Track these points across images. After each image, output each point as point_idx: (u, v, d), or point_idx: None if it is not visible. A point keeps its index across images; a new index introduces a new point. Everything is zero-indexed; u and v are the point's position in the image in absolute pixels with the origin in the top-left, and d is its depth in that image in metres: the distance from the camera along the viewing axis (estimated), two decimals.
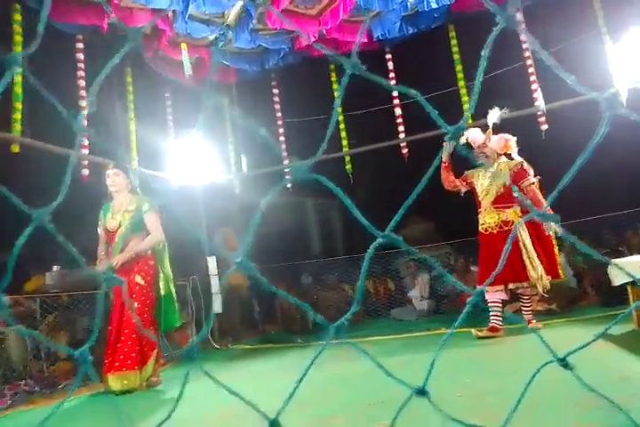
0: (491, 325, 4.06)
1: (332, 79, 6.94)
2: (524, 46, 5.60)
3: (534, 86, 5.53)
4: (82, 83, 4.49)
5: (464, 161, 3.99)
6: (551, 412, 1.80)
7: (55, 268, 4.66)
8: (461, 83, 6.16)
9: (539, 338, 0.63)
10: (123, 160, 3.99)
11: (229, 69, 6.23)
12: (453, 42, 6.20)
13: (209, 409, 2.50)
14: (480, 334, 3.98)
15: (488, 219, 4.15)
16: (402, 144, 6.31)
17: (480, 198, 4.24)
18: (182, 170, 5.69)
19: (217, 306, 5.67)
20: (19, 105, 3.96)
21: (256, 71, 6.42)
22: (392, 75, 6.52)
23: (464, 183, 4.36)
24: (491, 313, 4.09)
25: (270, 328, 6.44)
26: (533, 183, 4.12)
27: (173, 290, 3.73)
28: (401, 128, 6.35)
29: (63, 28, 4.21)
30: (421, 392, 0.64)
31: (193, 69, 5.42)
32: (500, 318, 4.06)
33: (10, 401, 3.24)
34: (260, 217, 0.64)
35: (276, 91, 6.87)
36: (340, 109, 6.94)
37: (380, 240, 0.64)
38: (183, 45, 4.64)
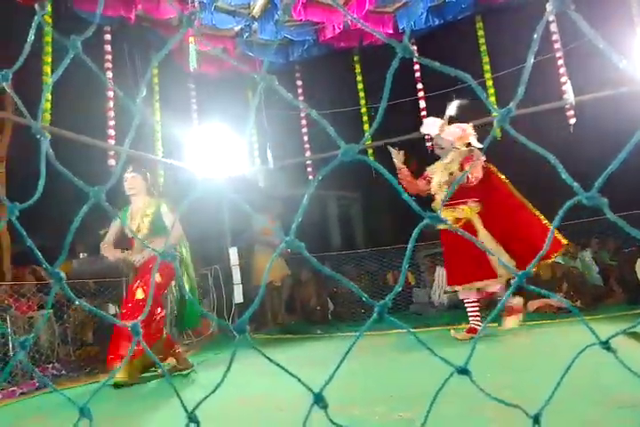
0: (469, 326, 3.82)
1: (357, 71, 6.91)
2: (554, 38, 5.47)
3: (563, 79, 5.41)
4: (109, 74, 4.57)
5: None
6: (578, 407, 1.78)
7: (82, 255, 4.77)
8: (488, 75, 6.06)
9: (584, 324, 0.62)
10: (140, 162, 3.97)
11: (253, 61, 6.24)
12: (480, 33, 6.10)
13: (236, 395, 2.54)
14: (458, 337, 3.73)
15: (443, 216, 3.89)
16: (427, 137, 6.25)
17: (434, 193, 3.92)
18: (206, 162, 5.74)
19: (238, 296, 5.73)
20: (48, 95, 4.04)
21: (280, 63, 6.42)
22: (417, 66, 6.45)
23: (425, 182, 4.00)
24: (468, 314, 3.85)
25: (290, 319, 6.49)
26: (477, 165, 3.73)
27: (196, 291, 3.77)
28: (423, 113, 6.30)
29: (91, 17, 4.27)
30: (464, 371, 0.65)
31: (218, 61, 5.45)
32: (479, 319, 3.80)
33: (38, 384, 3.35)
34: (303, 207, 0.64)
35: (299, 82, 6.87)
36: (363, 102, 6.92)
37: (426, 221, 0.64)
38: (191, 39, 4.65)
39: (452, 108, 3.88)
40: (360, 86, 6.93)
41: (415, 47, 6.40)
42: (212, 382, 0.69)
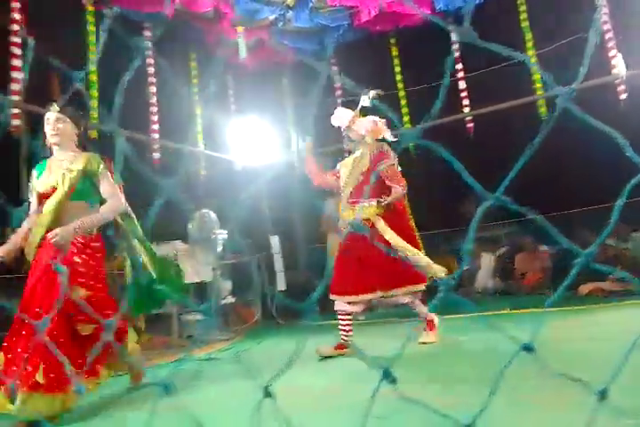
0: (339, 342, 3.34)
1: (393, 54, 6.80)
2: (605, 10, 5.21)
3: (612, 53, 5.16)
4: (150, 69, 4.68)
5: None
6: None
7: None
8: (531, 52, 5.85)
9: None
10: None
11: (288, 49, 6.24)
12: (522, 8, 5.88)
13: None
14: (324, 352, 3.25)
15: (345, 216, 3.50)
16: (467, 118, 6.12)
17: (341, 191, 3.60)
18: (245, 151, 5.81)
19: (280, 283, 5.82)
20: (95, 93, 4.20)
21: (315, 50, 6.39)
22: (455, 46, 6.29)
23: (335, 177, 3.68)
24: (340, 327, 3.39)
25: (332, 306, 6.53)
26: (393, 165, 3.47)
27: (166, 267, 2.82)
28: (465, 102, 6.15)
29: (130, 15, 4.38)
30: (528, 348, 0.66)
31: (253, 51, 5.48)
32: (350, 334, 3.37)
33: None
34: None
35: (334, 68, 6.82)
36: (400, 85, 6.82)
37: (489, 203, 0.64)
38: (239, 28, 4.68)
39: (365, 100, 3.57)
40: (397, 69, 6.83)
41: (452, 27, 6.23)
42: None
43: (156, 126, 4.69)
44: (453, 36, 6.23)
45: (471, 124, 6.10)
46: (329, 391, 2.42)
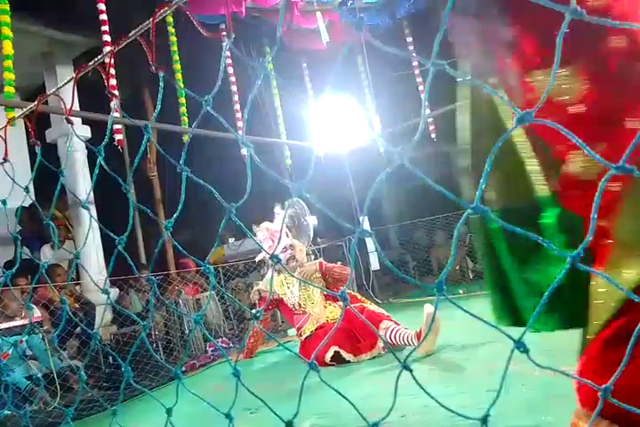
0: None
1: None
2: None
3: None
4: (230, 69, 4.87)
5: None
6: None
7: (231, 240, 5.29)
8: None
9: None
10: None
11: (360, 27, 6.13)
12: None
13: None
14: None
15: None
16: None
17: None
18: (326, 137, 5.88)
19: (374, 263, 5.92)
20: (183, 100, 4.46)
21: (387, 22, 6.22)
22: None
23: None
24: None
25: (428, 281, 6.56)
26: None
27: None
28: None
29: (206, 20, 4.54)
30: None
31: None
32: None
33: (212, 357, 3.87)
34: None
35: (409, 39, 6.61)
36: None
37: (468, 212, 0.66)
38: (318, 14, 4.68)
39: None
40: None
41: None
42: None
43: (240, 123, 4.88)
44: None
45: None
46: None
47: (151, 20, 1.42)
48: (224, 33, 4.78)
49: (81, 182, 5.24)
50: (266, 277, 3.84)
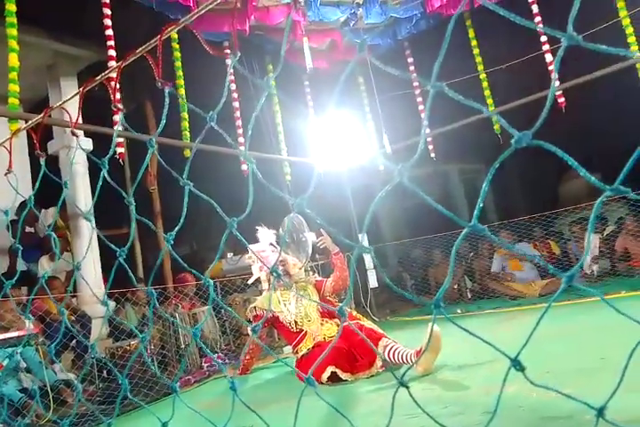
0: None
1: (470, 36, 6.55)
2: None
3: None
4: (232, 86, 4.94)
5: None
6: None
7: (230, 255, 5.29)
8: (623, 12, 5.35)
9: None
10: None
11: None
12: None
13: None
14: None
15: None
16: (557, 93, 5.76)
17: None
18: (327, 155, 5.93)
19: (372, 281, 5.90)
20: (185, 115, 4.52)
21: (389, 44, 6.33)
22: (538, 18, 5.91)
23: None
24: None
25: (426, 300, 6.52)
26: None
27: None
28: (554, 75, 5.78)
29: (210, 37, 4.62)
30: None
31: (327, 53, 5.55)
32: None
33: (207, 372, 3.83)
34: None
35: (410, 60, 6.72)
36: (481, 67, 6.57)
37: (467, 230, 0.67)
38: (305, 39, 4.77)
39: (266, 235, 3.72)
40: (476, 51, 6.59)
41: None
42: None
43: (241, 139, 4.93)
44: (535, 8, 5.86)
45: (562, 99, 5.76)
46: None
47: (158, 37, 1.45)
48: (228, 51, 4.86)
49: (81, 194, 5.26)
50: (263, 293, 3.81)
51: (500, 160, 0.72)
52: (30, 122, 1.84)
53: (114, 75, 1.63)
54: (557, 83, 5.72)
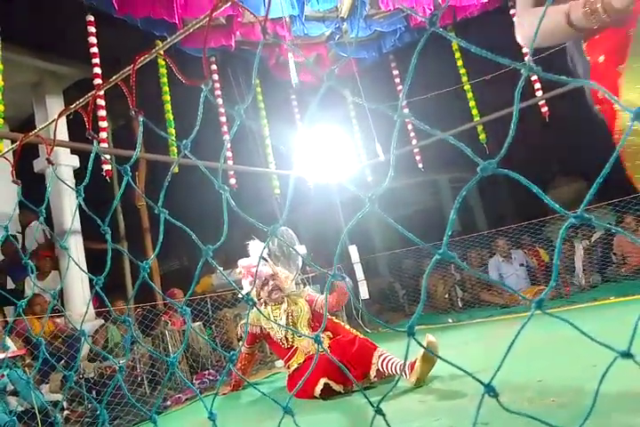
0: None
1: (454, 48, 6.65)
2: None
3: None
4: (220, 100, 4.95)
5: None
6: None
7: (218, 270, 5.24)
8: None
9: None
10: None
11: (348, 61, 6.30)
12: None
13: None
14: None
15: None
16: (540, 103, 5.87)
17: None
18: (316, 167, 5.94)
19: (363, 292, 5.88)
20: (172, 130, 4.51)
21: (374, 57, 6.41)
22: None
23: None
24: None
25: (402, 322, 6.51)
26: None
27: None
28: (537, 85, 5.90)
29: (196, 53, 4.64)
30: (627, 355, 0.64)
31: (313, 67, 5.59)
32: None
33: (198, 390, 3.77)
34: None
35: (395, 72, 6.80)
36: (465, 79, 6.67)
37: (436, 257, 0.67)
38: (290, 54, 4.82)
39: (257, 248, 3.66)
40: (460, 63, 6.69)
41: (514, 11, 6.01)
42: None
43: (229, 153, 4.93)
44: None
45: (545, 109, 5.86)
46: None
47: (132, 66, 1.40)
48: (204, 79, 4.86)
49: (67, 212, 5.21)
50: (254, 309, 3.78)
51: (466, 188, 0.73)
52: (8, 149, 1.82)
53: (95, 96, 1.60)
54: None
